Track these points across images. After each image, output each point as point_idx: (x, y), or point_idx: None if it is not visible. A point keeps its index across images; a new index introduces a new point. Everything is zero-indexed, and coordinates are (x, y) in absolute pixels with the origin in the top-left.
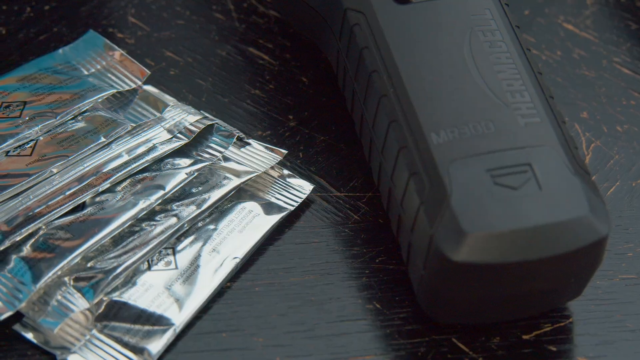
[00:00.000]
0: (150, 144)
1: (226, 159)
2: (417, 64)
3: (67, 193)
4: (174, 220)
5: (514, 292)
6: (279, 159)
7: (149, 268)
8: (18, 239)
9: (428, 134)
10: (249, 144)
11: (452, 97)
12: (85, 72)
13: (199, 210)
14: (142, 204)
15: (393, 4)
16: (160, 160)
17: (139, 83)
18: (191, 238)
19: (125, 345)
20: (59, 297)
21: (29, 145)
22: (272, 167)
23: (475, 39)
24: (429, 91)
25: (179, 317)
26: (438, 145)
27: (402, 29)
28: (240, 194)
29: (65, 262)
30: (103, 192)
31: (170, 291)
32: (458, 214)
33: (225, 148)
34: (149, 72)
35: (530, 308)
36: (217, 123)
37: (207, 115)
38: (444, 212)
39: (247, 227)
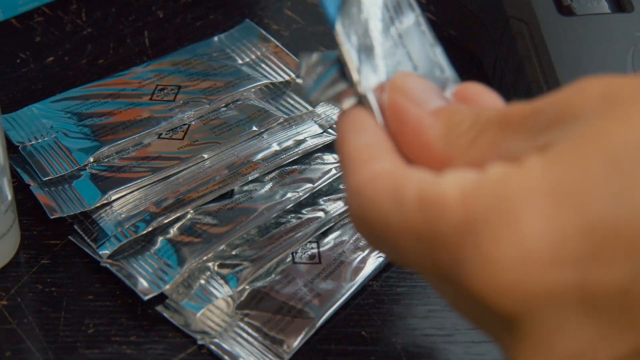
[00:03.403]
0: (301, 137)
1: None
2: (578, 77)
3: (217, 179)
4: (320, 214)
5: None
6: None
7: (292, 261)
8: (166, 221)
9: None
10: None
11: None
12: (240, 61)
13: (346, 207)
14: (290, 196)
15: (557, 15)
16: (310, 154)
17: (293, 76)
18: (336, 234)
19: (265, 335)
20: (203, 282)
21: (181, 129)
22: None
23: (639, 55)
24: None
25: (320, 312)
26: None
27: (565, 40)
28: None
29: (211, 248)
30: (252, 181)
31: (312, 285)
32: None
33: None
34: None
35: None
36: None
37: None
38: None
39: None
